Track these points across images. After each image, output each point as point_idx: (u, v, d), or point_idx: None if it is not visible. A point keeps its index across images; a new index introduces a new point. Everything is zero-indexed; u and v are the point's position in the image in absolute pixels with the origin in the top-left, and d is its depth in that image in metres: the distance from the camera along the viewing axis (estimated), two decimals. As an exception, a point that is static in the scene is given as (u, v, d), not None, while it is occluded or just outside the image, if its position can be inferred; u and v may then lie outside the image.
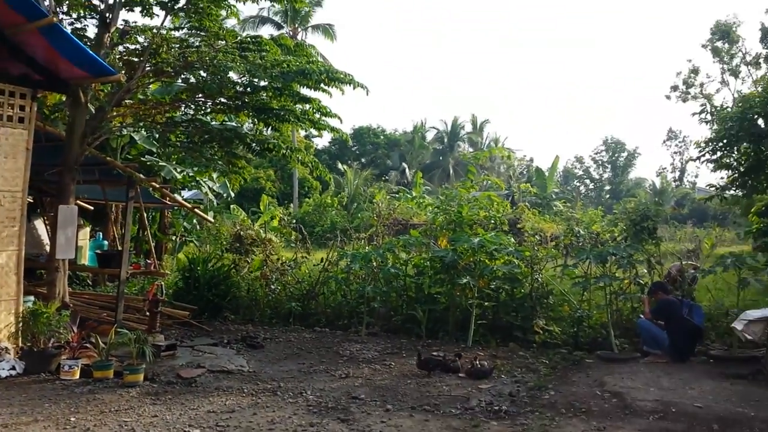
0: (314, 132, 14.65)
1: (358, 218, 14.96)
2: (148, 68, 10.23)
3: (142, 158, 13.75)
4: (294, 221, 16.17)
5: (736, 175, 10.82)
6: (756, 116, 10.09)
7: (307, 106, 11.17)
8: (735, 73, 35.32)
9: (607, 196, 71.28)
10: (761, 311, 8.72)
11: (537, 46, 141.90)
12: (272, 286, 12.03)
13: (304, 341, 10.14)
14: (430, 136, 63.31)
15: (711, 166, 10.90)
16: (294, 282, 12.33)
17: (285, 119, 11.23)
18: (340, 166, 46.06)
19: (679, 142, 66.50)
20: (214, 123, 11.69)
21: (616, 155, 76.58)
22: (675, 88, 38.56)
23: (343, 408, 6.65)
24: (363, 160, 57.23)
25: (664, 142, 75.62)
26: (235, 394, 7.04)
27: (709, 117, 11.03)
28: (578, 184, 76.91)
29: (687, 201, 49.06)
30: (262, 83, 10.45)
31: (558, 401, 7.08)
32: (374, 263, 11.10)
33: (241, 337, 10.05)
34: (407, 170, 53.21)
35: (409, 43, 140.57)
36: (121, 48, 10.55)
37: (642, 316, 9.41)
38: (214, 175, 15.04)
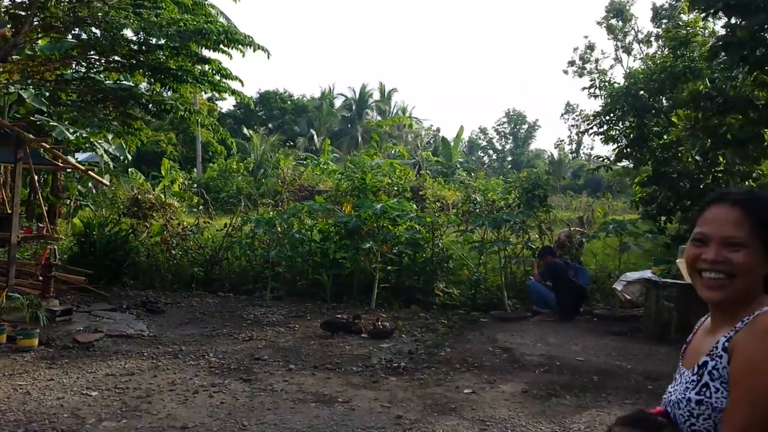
0: (218, 95, 14.35)
1: (264, 184, 14.85)
2: (36, 23, 9.67)
3: (31, 117, 12.99)
4: (196, 186, 15.81)
5: (622, 147, 11.58)
6: (640, 91, 10.80)
7: (207, 67, 10.93)
8: (628, 50, 37.32)
9: (509, 166, 73.78)
10: (638, 273, 9.51)
11: (444, 16, 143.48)
12: (173, 252, 11.82)
13: (207, 306, 10.09)
14: (338, 103, 63.02)
15: (599, 138, 11.64)
16: (196, 247, 12.17)
17: (183, 80, 10.95)
18: (245, 130, 45.10)
19: (576, 115, 69.57)
20: (108, 82, 11.22)
21: (517, 127, 79.18)
22: (572, 63, 40.31)
23: (245, 369, 6.76)
24: (270, 125, 56.24)
25: (562, 115, 78.77)
26: (135, 358, 6.98)
27: (598, 92, 11.71)
28: (482, 154, 79.09)
29: (583, 172, 51.56)
30: (158, 42, 10.12)
31: (453, 357, 7.50)
32: (279, 228, 11.13)
33: (141, 302, 9.86)
34: (315, 137, 52.84)
35: (316, 7, 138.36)
36: (6, 1, 9.91)
37: (532, 278, 10.02)
38: (109, 137, 14.44)
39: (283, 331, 8.66)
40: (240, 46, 10.34)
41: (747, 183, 11.29)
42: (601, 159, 12.48)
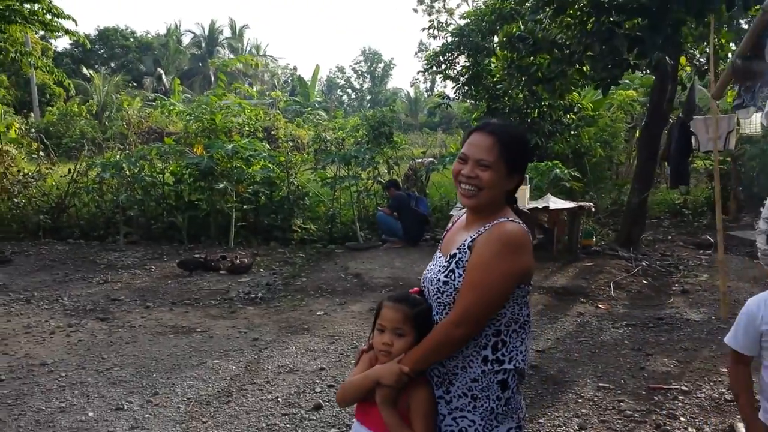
0: (50, 34, 13.43)
1: (109, 127, 14.29)
2: None
3: None
4: (33, 131, 14.86)
5: (460, 85, 12.40)
6: (473, 31, 11.56)
7: (36, 6, 10.30)
8: (473, -11, 38.54)
9: (368, 105, 74.50)
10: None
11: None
12: (15, 200, 11.27)
13: (58, 253, 9.86)
14: (186, 40, 59.94)
15: (438, 77, 12.37)
16: (40, 195, 11.66)
17: (11, 20, 10.26)
18: (85, 70, 41.96)
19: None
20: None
21: (374, 66, 79.71)
22: (421, 1, 40.99)
23: (102, 309, 6.89)
24: (112, 64, 52.59)
25: (416, 54, 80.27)
26: (-17, 308, 6.86)
27: (436, 32, 12.35)
28: (341, 93, 79.11)
29: (438, 110, 53.34)
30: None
31: (308, 286, 8.04)
32: (128, 172, 10.93)
33: (-17, 253, 9.46)
34: (164, 77, 50.23)
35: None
36: None
37: (380, 209, 10.72)
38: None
39: (140, 273, 8.75)
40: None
41: (569, 116, 12.63)
42: (441, 97, 13.28)
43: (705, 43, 8.55)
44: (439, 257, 2.23)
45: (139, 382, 4.85)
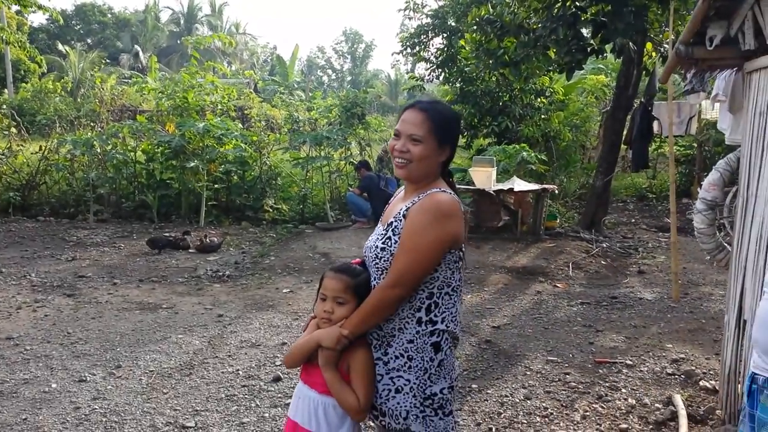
0: (23, 9, 13.24)
1: (82, 104, 14.17)
2: None
3: None
4: (5, 107, 14.70)
5: (434, 67, 12.49)
6: (448, 14, 11.64)
7: (10, -20, 10.19)
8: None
9: (349, 86, 74.09)
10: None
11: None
12: (-16, 177, 11.22)
13: (27, 230, 9.87)
14: (164, 17, 59.08)
15: (412, 59, 12.45)
16: (11, 172, 11.60)
17: (-18, -6, 10.15)
18: (61, 47, 41.25)
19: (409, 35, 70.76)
20: None
21: (355, 46, 79.19)
22: (401, -19, 40.85)
23: (69, 285, 6.97)
24: (89, 41, 51.75)
25: (398, 35, 79.84)
26: (-51, 283, 6.90)
27: (412, 14, 12.37)
28: (321, 73, 78.57)
29: (412, 92, 53.18)
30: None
31: (276, 264, 8.16)
32: (99, 150, 10.92)
33: (-50, 230, 9.45)
34: (141, 54, 49.53)
35: None
36: None
37: (351, 190, 10.84)
38: None
39: (108, 250, 8.80)
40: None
41: (540, 100, 12.80)
42: (416, 79, 13.36)
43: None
44: (379, 227, 2.36)
45: (102, 355, 4.96)
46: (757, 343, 2.59)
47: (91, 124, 13.41)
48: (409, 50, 12.54)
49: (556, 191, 9.81)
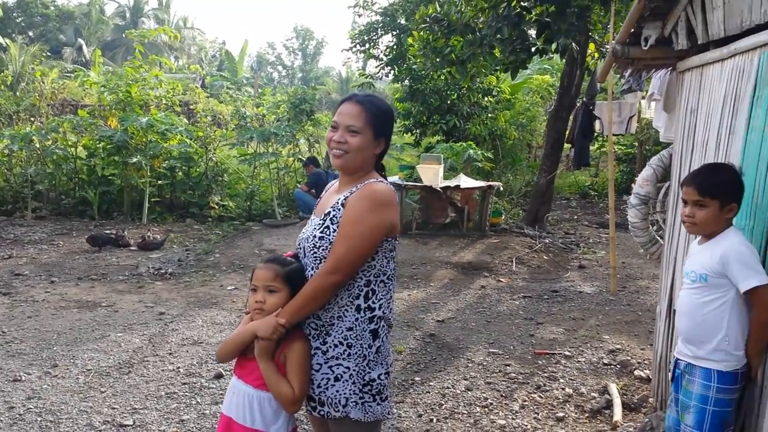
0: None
1: (20, 98, 13.67)
2: None
3: None
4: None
5: (383, 65, 12.53)
6: (398, 11, 11.69)
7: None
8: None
9: (300, 83, 73.58)
10: (389, 179, 10.69)
11: None
12: None
13: (-41, 228, 9.48)
14: (110, 10, 57.55)
15: (362, 56, 12.48)
16: (-56, 168, 11.12)
17: None
18: (1, 39, 39.69)
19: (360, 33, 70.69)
20: None
21: (306, 43, 78.73)
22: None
23: (5, 284, 6.74)
24: (31, 33, 49.93)
25: (349, 32, 79.72)
26: None
27: (362, 11, 12.40)
28: (271, 70, 77.81)
29: (361, 89, 53.15)
30: None
31: (221, 262, 8.06)
32: (37, 144, 10.56)
33: None
34: (85, 47, 48.14)
35: None
36: None
37: (299, 186, 10.79)
38: None
39: (47, 248, 8.54)
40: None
41: (487, 99, 12.99)
42: (366, 76, 13.39)
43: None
44: (314, 219, 2.38)
45: (38, 354, 4.81)
46: (679, 331, 2.71)
47: (31, 118, 12.97)
48: (358, 47, 12.54)
49: (501, 188, 9.97)
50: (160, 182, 10.87)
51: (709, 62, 3.25)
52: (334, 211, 2.26)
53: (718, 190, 2.49)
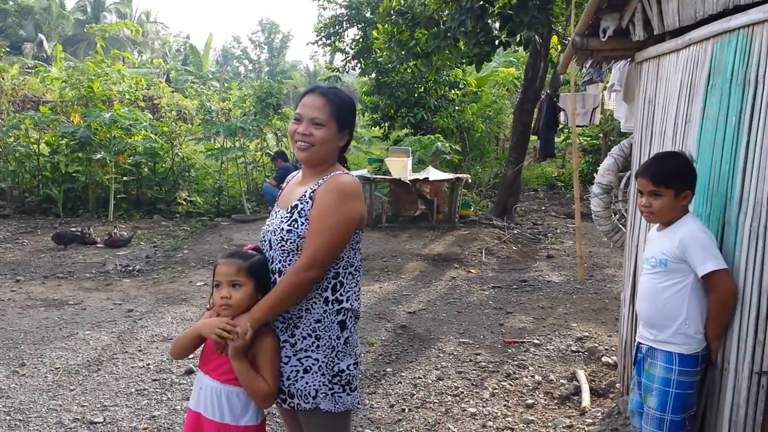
0: None
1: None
2: None
3: None
4: None
5: (350, 58, 12.52)
6: (363, 5, 11.68)
7: None
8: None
9: (266, 77, 72.84)
10: (357, 172, 10.69)
11: None
12: None
13: None
14: (70, 4, 56.27)
15: (328, 49, 12.45)
16: None
17: None
18: (-45, 34, 38.56)
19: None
20: None
21: (272, 36, 77.96)
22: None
23: (-34, 284, 6.59)
24: (-11, 29, 48.59)
25: (315, 25, 79.05)
26: None
27: (327, 4, 12.33)
28: (237, 64, 76.95)
29: (338, 83, 52.96)
30: None
31: (190, 258, 8.00)
32: (-2, 142, 10.33)
33: None
34: (45, 43, 47.03)
35: None
36: None
37: (267, 181, 10.74)
38: None
39: (11, 246, 8.38)
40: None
41: (453, 91, 13.07)
42: (332, 70, 13.36)
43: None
44: (278, 211, 2.38)
45: (5, 354, 4.73)
46: (641, 315, 2.79)
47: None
48: (324, 40, 12.51)
49: (470, 180, 10.07)
50: (125, 178, 10.73)
51: (665, 53, 3.32)
52: (301, 204, 2.25)
53: (670, 178, 2.56)
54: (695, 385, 2.61)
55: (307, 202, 2.24)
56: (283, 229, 2.27)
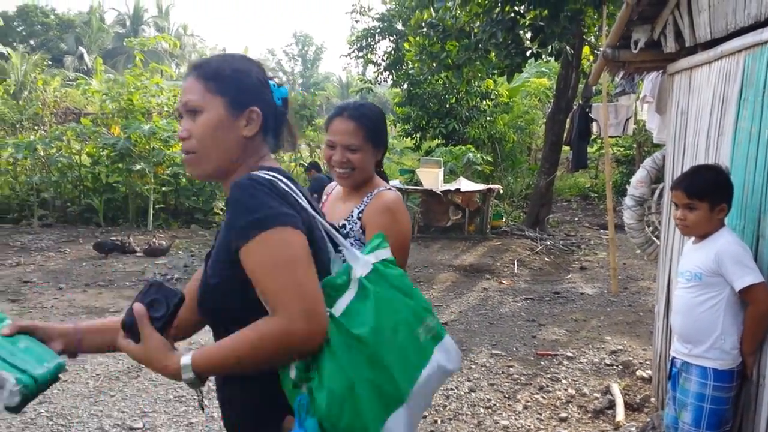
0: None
1: (22, 106, 13.79)
2: None
3: None
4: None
5: (381, 69, 12.63)
6: (395, 17, 11.79)
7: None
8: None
9: (300, 89, 73.57)
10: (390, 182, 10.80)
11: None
12: None
13: (-34, 237, 9.57)
14: (110, 18, 57.75)
15: (361, 62, 12.59)
16: (-49, 177, 11.23)
17: None
18: (2, 48, 39.85)
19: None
20: None
21: (305, 49, 78.85)
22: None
23: (13, 291, 6.81)
24: (32, 42, 50.13)
25: (348, 38, 79.64)
26: None
27: (359, 17, 12.51)
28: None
29: (360, 94, 53.21)
30: None
31: (226, 267, 8.12)
32: (41, 153, 10.66)
33: None
34: (86, 56, 48.30)
35: None
36: None
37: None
38: None
39: (54, 255, 8.63)
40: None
41: (485, 102, 13.07)
42: (364, 81, 13.49)
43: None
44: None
45: (48, 361, 4.88)
46: (675, 330, 2.78)
47: (34, 127, 13.09)
48: (356, 52, 12.64)
49: (502, 191, 10.06)
50: (164, 189, 10.97)
51: (697, 65, 3.31)
52: (350, 224, 2.24)
53: (705, 191, 2.54)
54: (730, 401, 2.57)
55: (356, 223, 2.23)
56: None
